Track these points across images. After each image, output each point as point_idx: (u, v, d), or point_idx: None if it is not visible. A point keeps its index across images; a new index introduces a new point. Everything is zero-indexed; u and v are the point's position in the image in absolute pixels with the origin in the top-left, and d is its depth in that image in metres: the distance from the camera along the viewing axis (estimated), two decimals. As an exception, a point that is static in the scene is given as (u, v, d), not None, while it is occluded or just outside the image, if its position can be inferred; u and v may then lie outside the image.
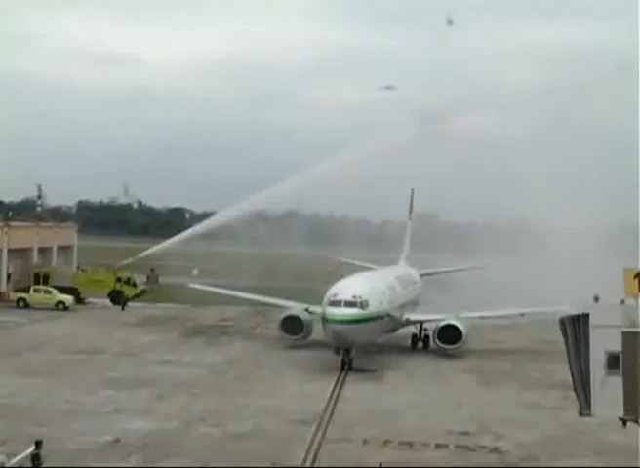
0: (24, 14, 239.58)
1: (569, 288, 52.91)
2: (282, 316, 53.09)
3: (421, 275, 67.24)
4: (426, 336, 54.63)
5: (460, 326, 50.82)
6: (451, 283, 72.75)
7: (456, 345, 50.63)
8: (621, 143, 61.23)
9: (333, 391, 39.94)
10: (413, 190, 74.17)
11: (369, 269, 64.93)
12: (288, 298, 58.89)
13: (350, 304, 44.50)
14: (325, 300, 45.87)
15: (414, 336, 55.86)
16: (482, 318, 55.45)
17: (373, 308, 45.49)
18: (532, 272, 69.76)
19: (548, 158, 70.74)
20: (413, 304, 58.44)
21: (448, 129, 65.76)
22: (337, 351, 44.91)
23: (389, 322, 49.73)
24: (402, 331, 55.21)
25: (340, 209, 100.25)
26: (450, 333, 50.60)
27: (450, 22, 73.49)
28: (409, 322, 54.52)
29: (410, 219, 74.97)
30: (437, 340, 51.05)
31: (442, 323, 51.28)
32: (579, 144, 70.36)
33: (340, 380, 42.45)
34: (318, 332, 49.36)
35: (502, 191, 76.65)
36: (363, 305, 44.81)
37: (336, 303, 44.79)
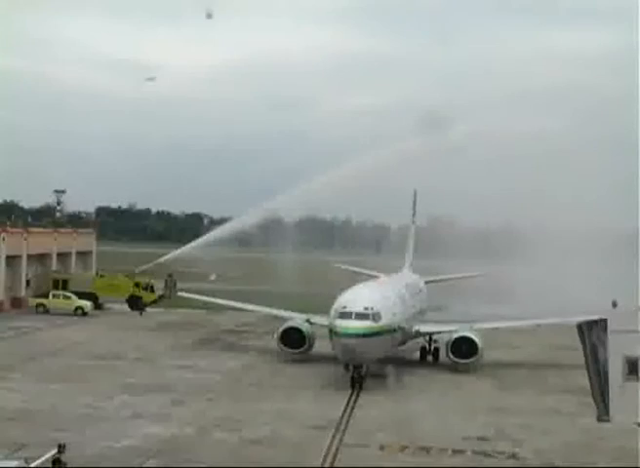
0: (44, 19, 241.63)
1: (586, 293, 52.66)
2: (282, 328, 49.57)
3: (426, 282, 63.62)
4: (436, 349, 51.62)
5: (475, 338, 47.55)
6: (465, 288, 72.02)
7: (471, 359, 47.22)
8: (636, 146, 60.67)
9: (350, 397, 39.83)
10: (415, 191, 69.81)
11: (369, 276, 61.90)
12: (303, 304, 57.63)
13: (362, 316, 41.09)
14: (333, 312, 42.49)
15: (422, 349, 52.39)
16: (496, 329, 52.76)
17: (385, 320, 42.33)
18: (546, 278, 69.29)
19: (562, 162, 70.35)
20: (421, 314, 55.19)
21: (462, 133, 65.38)
22: (346, 367, 41.92)
23: (401, 335, 46.66)
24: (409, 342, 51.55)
25: (359, 214, 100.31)
26: (464, 346, 47.31)
27: (209, 16, 70.55)
28: (419, 334, 50.92)
29: (413, 223, 70.77)
30: (450, 354, 47.60)
31: (455, 335, 47.94)
32: (593, 147, 69.79)
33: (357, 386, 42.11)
34: (321, 345, 47.68)
35: (517, 196, 76.26)
36: (375, 317, 41.47)
37: (345, 315, 41.33)
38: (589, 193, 68.45)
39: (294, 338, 48.78)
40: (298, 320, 50.71)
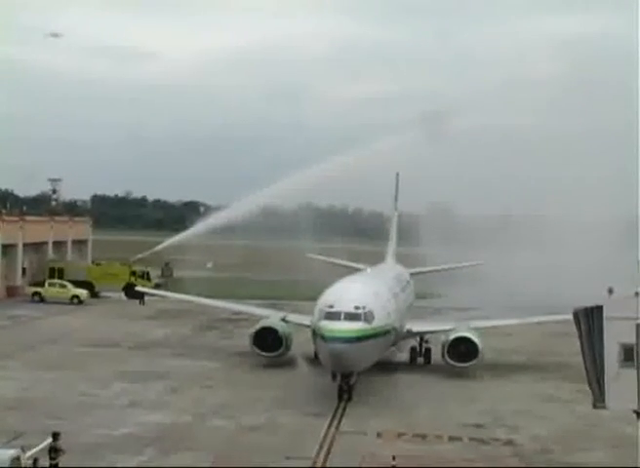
0: (41, 8, 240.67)
1: (583, 281, 52.63)
2: (255, 328, 43.90)
3: (411, 274, 58.57)
4: (427, 350, 46.58)
5: (474, 338, 42.37)
6: (463, 278, 71.76)
7: (470, 362, 42.09)
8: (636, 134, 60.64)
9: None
10: (398, 175, 63.89)
11: (343, 267, 58.83)
12: (300, 291, 56.29)
13: (352, 317, 35.08)
14: (317, 311, 36.62)
15: (412, 350, 46.95)
16: (494, 327, 48.42)
17: (379, 321, 36.63)
18: (543, 265, 69.26)
19: (562, 151, 70.36)
20: (409, 311, 49.91)
21: (459, 123, 65.14)
22: (334, 376, 35.98)
23: (394, 336, 41.16)
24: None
25: (354, 202, 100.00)
26: (462, 348, 42.20)
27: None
28: (410, 333, 45.30)
29: (396, 210, 65.27)
30: (447, 356, 42.36)
31: (453, 335, 42.61)
32: (592, 135, 69.78)
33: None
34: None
35: (515, 184, 76.32)
36: (368, 317, 35.56)
37: (333, 315, 35.27)
38: (588, 181, 68.46)
39: (268, 340, 43.09)
40: (272, 319, 45.35)
